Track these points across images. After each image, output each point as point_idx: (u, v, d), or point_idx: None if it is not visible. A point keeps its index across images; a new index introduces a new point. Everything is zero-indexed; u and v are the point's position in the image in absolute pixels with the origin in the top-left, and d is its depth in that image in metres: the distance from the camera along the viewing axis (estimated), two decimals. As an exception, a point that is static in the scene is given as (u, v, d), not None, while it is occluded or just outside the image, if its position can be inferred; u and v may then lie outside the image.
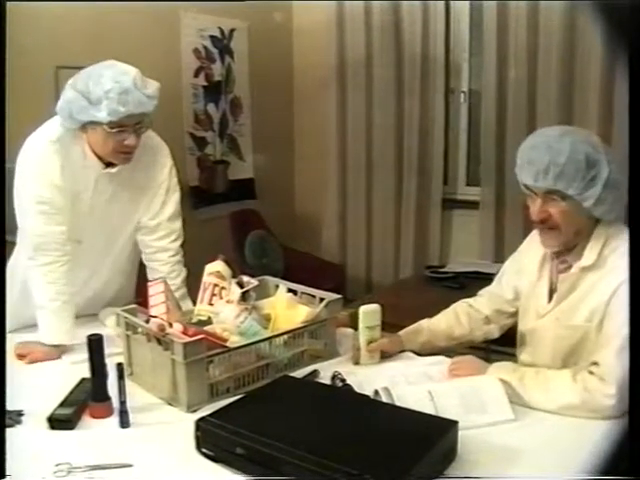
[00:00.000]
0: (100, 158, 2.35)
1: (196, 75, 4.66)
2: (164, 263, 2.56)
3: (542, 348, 2.10)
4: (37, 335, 2.30)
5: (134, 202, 2.51)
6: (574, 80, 4.18)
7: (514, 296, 2.25)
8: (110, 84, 2.16)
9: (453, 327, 2.32)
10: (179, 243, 2.61)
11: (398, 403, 1.78)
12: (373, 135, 5.02)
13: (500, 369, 1.98)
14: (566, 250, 2.04)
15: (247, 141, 5.04)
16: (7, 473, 1.28)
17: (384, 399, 1.81)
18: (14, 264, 2.39)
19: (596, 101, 4.07)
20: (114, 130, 2.22)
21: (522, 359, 2.19)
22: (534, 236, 2.15)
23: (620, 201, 1.91)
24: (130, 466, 1.61)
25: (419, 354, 2.27)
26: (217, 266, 2.26)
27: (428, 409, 1.77)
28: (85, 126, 2.26)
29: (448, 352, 2.25)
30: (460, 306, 2.38)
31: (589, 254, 1.97)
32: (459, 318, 2.33)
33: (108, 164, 2.37)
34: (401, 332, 2.31)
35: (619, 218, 1.97)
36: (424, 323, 2.34)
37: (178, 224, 2.60)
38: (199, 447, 1.65)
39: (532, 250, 2.17)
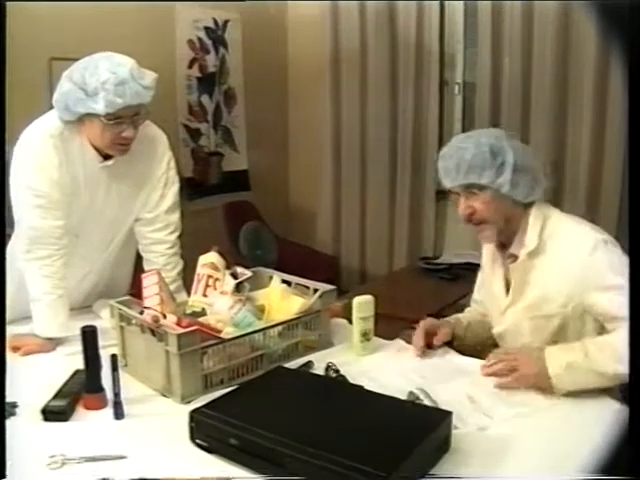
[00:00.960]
0: (98, 151, 2.35)
1: (190, 66, 4.66)
2: (160, 255, 2.56)
3: (523, 343, 2.12)
4: (32, 327, 2.30)
5: (132, 195, 2.50)
6: (568, 72, 4.18)
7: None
8: (106, 75, 2.14)
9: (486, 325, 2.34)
10: (176, 235, 2.60)
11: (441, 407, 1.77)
12: (367, 126, 5.02)
13: (558, 355, 1.91)
14: (508, 242, 2.14)
15: (241, 133, 5.03)
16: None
17: (426, 402, 1.80)
18: (12, 252, 2.38)
19: (590, 92, 4.08)
20: (111, 122, 2.21)
21: None
22: None
23: (536, 184, 2.06)
24: (124, 457, 1.61)
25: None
26: (211, 257, 2.26)
27: (476, 412, 1.80)
28: (82, 118, 2.25)
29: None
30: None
31: (530, 239, 2.06)
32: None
33: (106, 156, 2.36)
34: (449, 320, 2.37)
35: (543, 200, 2.11)
36: (465, 317, 2.40)
37: (176, 216, 2.60)
38: (193, 438, 1.64)
39: (486, 256, 2.29)
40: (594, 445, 1.59)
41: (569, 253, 2.01)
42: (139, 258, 2.66)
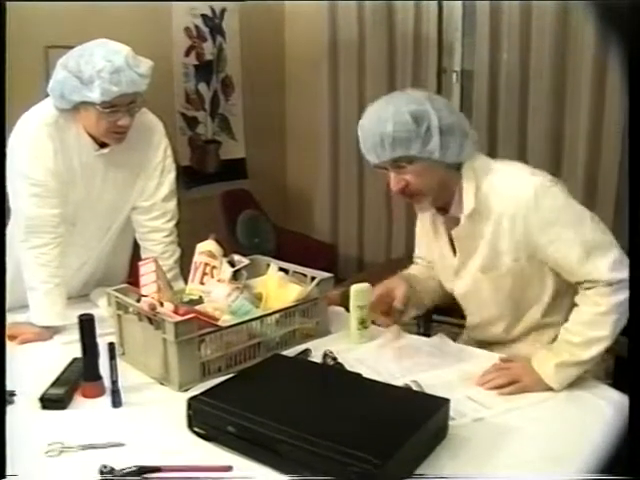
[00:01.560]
0: (94, 139, 2.34)
1: (187, 54, 4.63)
2: (157, 243, 2.56)
3: (484, 305, 2.15)
4: (28, 316, 2.30)
5: (129, 183, 2.50)
6: (567, 61, 4.16)
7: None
8: (102, 63, 2.14)
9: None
10: (173, 223, 2.60)
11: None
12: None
13: (547, 360, 1.89)
14: (446, 205, 2.07)
15: (239, 121, 5.01)
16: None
17: None
18: (8, 241, 2.38)
19: (588, 81, 4.06)
20: (107, 110, 2.20)
21: (470, 321, 2.26)
22: None
23: (465, 141, 1.98)
24: (122, 445, 1.61)
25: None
26: (208, 245, 2.26)
27: (473, 405, 1.79)
28: (77, 106, 2.25)
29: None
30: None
31: (467, 200, 1.99)
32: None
33: (102, 145, 2.36)
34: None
35: (473, 155, 2.03)
36: (417, 275, 2.36)
37: (172, 204, 2.60)
38: (191, 426, 1.65)
39: (422, 217, 2.24)
40: (591, 435, 1.60)
41: (509, 206, 1.94)
42: (136, 246, 2.66)
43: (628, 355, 1.12)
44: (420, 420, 1.54)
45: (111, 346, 1.81)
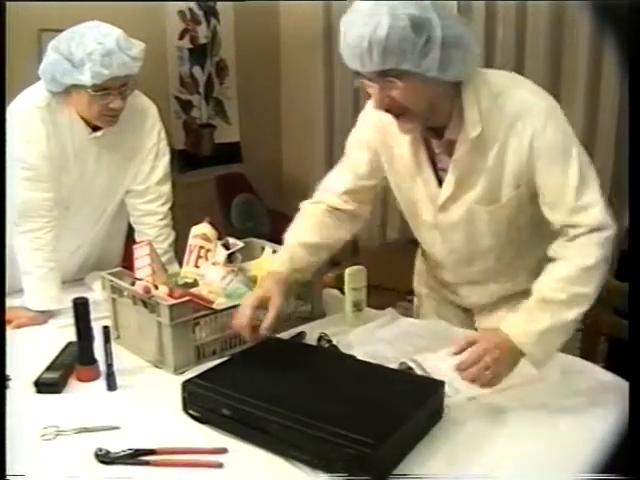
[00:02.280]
0: (86, 122, 2.33)
1: (181, 37, 4.61)
2: (152, 226, 2.56)
3: (477, 237, 1.95)
4: (23, 300, 2.30)
5: (122, 167, 2.50)
6: (563, 41, 4.15)
7: (369, 167, 2.02)
8: (93, 46, 2.13)
9: (331, 235, 2.08)
10: (167, 207, 2.60)
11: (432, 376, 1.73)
12: (360, 98, 4.98)
13: (524, 326, 1.71)
14: (440, 126, 1.81)
15: (233, 104, 5.00)
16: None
17: (419, 372, 1.77)
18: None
19: (584, 62, 4.05)
20: (98, 93, 2.19)
21: (448, 261, 2.08)
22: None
23: (469, 58, 1.69)
24: (117, 428, 1.62)
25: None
26: (203, 228, 2.26)
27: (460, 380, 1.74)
28: (69, 89, 2.24)
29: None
30: (314, 209, 2.09)
31: (471, 122, 1.74)
32: (329, 222, 2.07)
33: (94, 128, 2.35)
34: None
35: (476, 72, 1.77)
36: (295, 248, 2.02)
37: (167, 188, 2.59)
38: (186, 408, 1.65)
39: (398, 137, 1.88)
40: (586, 417, 1.61)
41: (516, 129, 1.73)
42: (131, 230, 2.66)
43: (629, 340, 1.12)
44: (415, 402, 1.54)
45: (106, 330, 1.81)
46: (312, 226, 2.06)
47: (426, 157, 1.88)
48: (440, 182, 1.90)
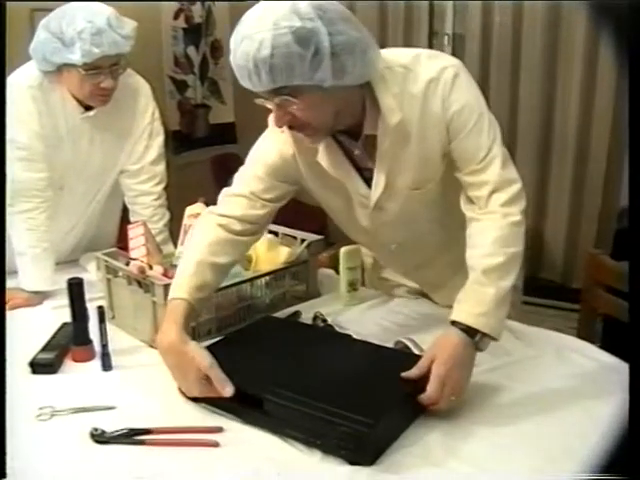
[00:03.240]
0: (79, 101, 2.32)
1: (176, 17, 4.60)
2: (146, 207, 2.55)
3: (416, 222, 1.90)
4: (18, 281, 2.29)
5: (116, 147, 2.49)
6: (560, 24, 4.14)
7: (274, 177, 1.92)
8: (83, 24, 2.11)
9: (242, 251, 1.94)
10: (162, 187, 2.59)
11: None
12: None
13: (465, 310, 1.61)
14: (354, 126, 1.72)
15: (228, 85, 4.98)
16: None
17: (415, 351, 1.75)
18: None
19: (581, 48, 4.04)
20: (89, 72, 2.18)
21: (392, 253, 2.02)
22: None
23: (367, 59, 1.57)
24: (113, 408, 1.62)
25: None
26: (197, 208, 2.24)
27: None
28: (60, 68, 2.22)
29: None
30: (215, 231, 1.87)
31: (390, 112, 1.66)
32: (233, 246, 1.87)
33: (87, 107, 2.34)
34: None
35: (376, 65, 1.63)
36: (208, 279, 1.79)
37: (161, 167, 2.58)
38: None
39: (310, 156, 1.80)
40: (581, 396, 1.61)
41: (427, 102, 1.67)
42: (125, 211, 2.65)
43: (630, 323, 1.11)
44: (411, 381, 1.54)
45: (100, 310, 1.81)
46: (223, 244, 1.85)
47: (346, 161, 1.80)
48: (367, 182, 1.82)
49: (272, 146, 1.93)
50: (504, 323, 1.65)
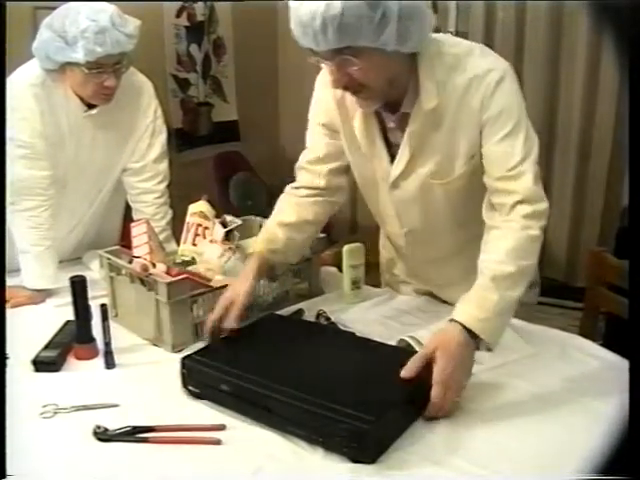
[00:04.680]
0: (82, 99, 2.32)
1: (178, 15, 4.58)
2: (149, 205, 2.56)
3: (430, 212, 1.92)
4: (20, 279, 2.29)
5: (119, 144, 2.49)
6: (562, 25, 4.13)
7: (328, 147, 2.05)
8: (86, 23, 2.11)
9: (309, 211, 2.07)
10: (164, 185, 2.60)
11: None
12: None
13: (467, 311, 1.61)
14: (395, 101, 1.76)
15: (231, 83, 4.97)
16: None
17: (418, 349, 1.72)
18: None
19: (584, 47, 4.03)
20: (92, 71, 2.18)
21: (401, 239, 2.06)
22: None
23: (425, 28, 1.63)
24: (116, 406, 1.62)
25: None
26: (200, 206, 2.24)
27: None
28: (63, 67, 2.23)
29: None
30: (291, 191, 2.12)
31: (427, 93, 1.70)
32: (305, 201, 2.08)
33: (90, 105, 2.34)
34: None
35: (432, 42, 1.71)
36: (273, 229, 2.03)
37: (164, 166, 2.59)
38: (185, 385, 1.66)
39: (353, 109, 1.85)
40: (583, 394, 1.61)
41: (467, 98, 1.70)
42: (128, 209, 2.65)
43: (629, 319, 1.11)
44: (414, 378, 1.54)
45: (103, 308, 1.81)
46: (289, 206, 2.07)
47: (379, 132, 1.84)
48: (393, 159, 1.86)
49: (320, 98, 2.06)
50: (502, 332, 1.65)
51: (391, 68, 1.65)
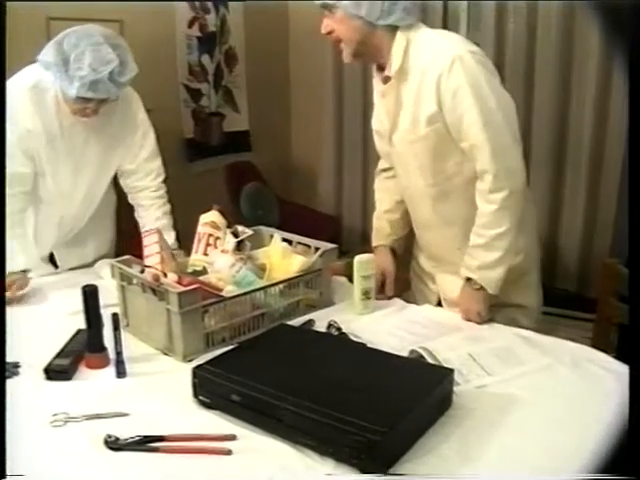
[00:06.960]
0: None
1: (190, 26, 4.59)
2: (145, 198, 2.71)
3: (411, 172, 2.23)
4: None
5: (111, 147, 2.58)
6: (573, 34, 4.12)
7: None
8: (87, 71, 2.20)
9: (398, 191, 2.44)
10: (160, 180, 2.72)
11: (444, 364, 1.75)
12: (369, 85, 4.96)
13: (470, 267, 2.12)
14: (381, 65, 2.16)
15: (242, 93, 4.98)
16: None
17: (430, 360, 1.78)
18: None
19: (596, 55, 4.01)
20: (79, 101, 2.29)
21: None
22: None
23: (393, 6, 2.02)
24: (127, 415, 1.62)
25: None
26: (212, 216, 2.26)
27: (476, 369, 1.77)
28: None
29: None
30: (377, 178, 2.61)
31: (395, 58, 2.07)
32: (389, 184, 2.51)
33: None
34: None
35: (413, 25, 2.09)
36: (383, 221, 2.51)
37: (156, 163, 2.71)
38: (196, 394, 1.66)
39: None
40: (594, 407, 1.60)
41: (428, 72, 2.02)
42: (127, 213, 2.77)
43: (630, 326, 1.11)
44: (424, 390, 1.54)
45: (115, 317, 1.82)
46: (384, 192, 2.55)
47: (381, 89, 2.21)
48: None
49: None
50: (495, 278, 2.09)
51: (360, 29, 2.06)
